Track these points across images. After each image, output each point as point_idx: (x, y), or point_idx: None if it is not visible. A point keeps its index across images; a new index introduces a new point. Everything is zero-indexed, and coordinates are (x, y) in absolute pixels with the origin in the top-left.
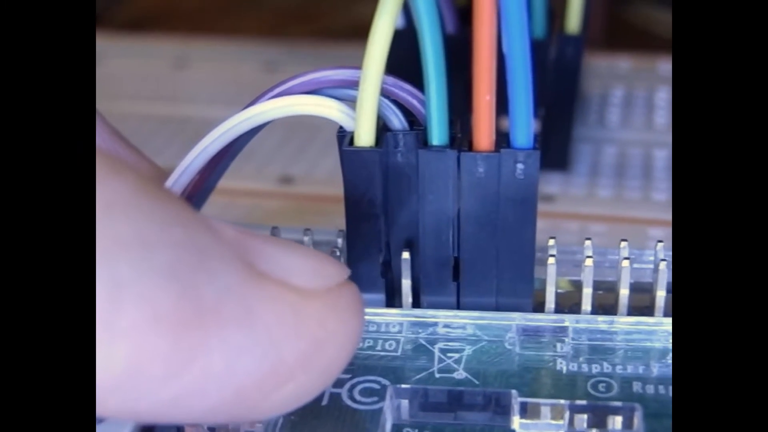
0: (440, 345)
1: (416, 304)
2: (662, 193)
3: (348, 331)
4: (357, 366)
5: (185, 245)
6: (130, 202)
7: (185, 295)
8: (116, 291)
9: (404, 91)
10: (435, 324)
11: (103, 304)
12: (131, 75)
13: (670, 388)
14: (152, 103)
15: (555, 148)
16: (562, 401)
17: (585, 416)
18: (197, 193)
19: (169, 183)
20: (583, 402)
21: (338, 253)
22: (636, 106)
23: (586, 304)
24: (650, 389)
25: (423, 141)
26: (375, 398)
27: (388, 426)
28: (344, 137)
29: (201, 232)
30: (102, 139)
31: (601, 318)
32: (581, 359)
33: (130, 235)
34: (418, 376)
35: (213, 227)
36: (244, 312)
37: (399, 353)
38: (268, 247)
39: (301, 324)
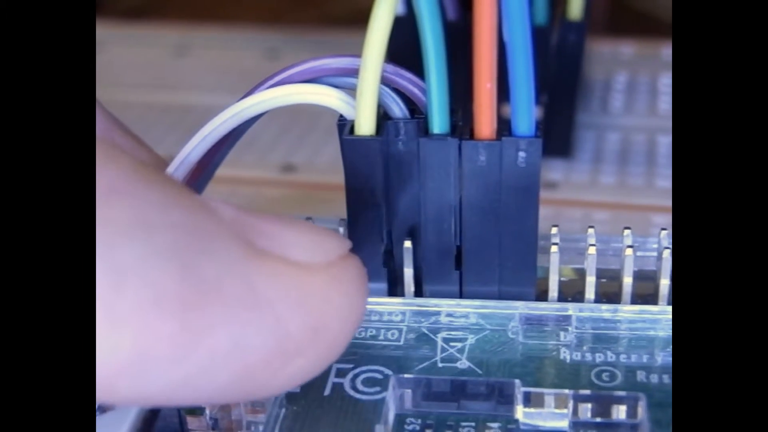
0: (443, 334)
1: (418, 293)
2: (666, 179)
3: (353, 303)
4: (359, 356)
5: (185, 227)
6: (128, 187)
7: (187, 276)
8: (118, 276)
9: (405, 79)
10: (437, 313)
11: (106, 289)
12: (132, 63)
13: None
14: (153, 91)
15: (558, 135)
16: (565, 391)
17: (589, 405)
18: (196, 182)
19: (168, 172)
20: (587, 391)
21: None
22: (639, 92)
23: (590, 293)
24: (654, 378)
25: (424, 129)
26: (378, 388)
27: (391, 416)
28: (345, 126)
29: (199, 213)
30: (99, 127)
31: (604, 306)
32: (585, 348)
33: (129, 220)
34: (420, 366)
35: (211, 208)
36: (247, 290)
37: (401, 343)
38: (267, 224)
39: (305, 299)
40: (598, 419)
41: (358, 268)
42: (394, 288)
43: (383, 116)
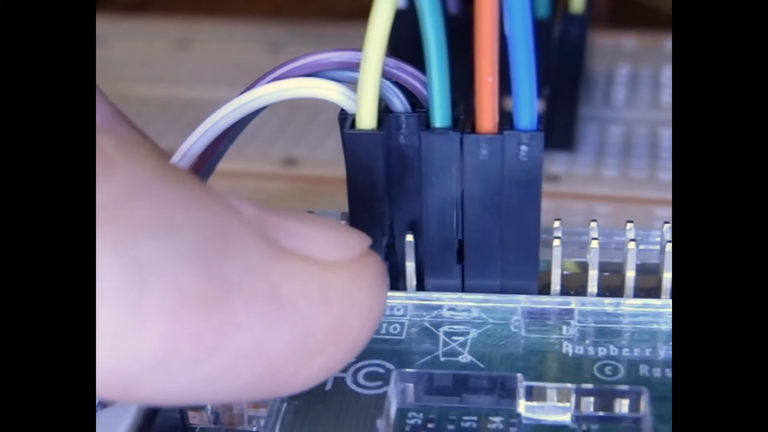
0: (445, 328)
1: (420, 287)
2: (668, 172)
3: (374, 300)
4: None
5: (208, 225)
6: (151, 186)
7: (211, 275)
8: (142, 275)
9: (406, 72)
10: (440, 307)
11: (129, 289)
12: (133, 57)
13: None
14: (154, 85)
15: (560, 128)
16: (568, 385)
17: (591, 399)
18: (197, 176)
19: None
20: (590, 385)
21: None
22: (642, 84)
23: (592, 286)
24: (657, 372)
25: (425, 123)
26: (379, 382)
27: (393, 410)
28: (346, 120)
29: (222, 212)
30: (103, 120)
31: (607, 300)
32: (587, 342)
33: (153, 219)
34: (422, 360)
35: (233, 206)
36: (270, 288)
37: (403, 337)
38: (289, 221)
39: (327, 297)
40: (601, 413)
41: (379, 264)
42: (396, 282)
43: (384, 110)
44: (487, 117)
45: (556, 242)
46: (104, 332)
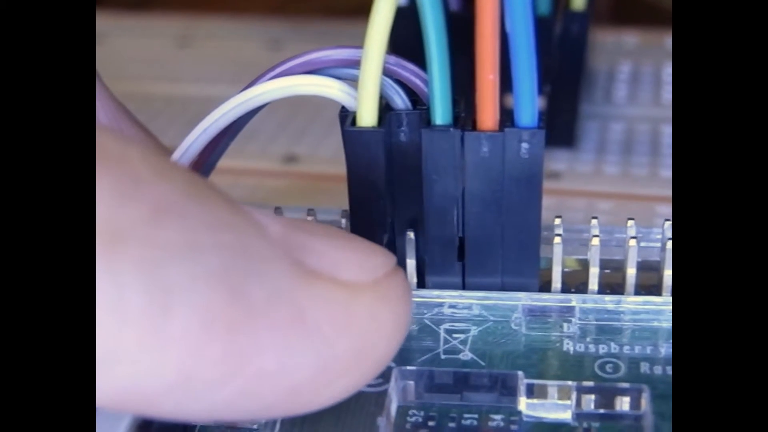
0: (446, 326)
1: (421, 284)
2: (670, 169)
3: (398, 321)
4: None
5: (234, 248)
6: (179, 207)
7: (236, 299)
8: (167, 298)
9: (407, 70)
10: (440, 304)
11: (154, 310)
12: (134, 54)
13: None
14: (155, 82)
15: (561, 125)
16: (569, 382)
17: (592, 397)
18: (198, 173)
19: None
20: (590, 383)
21: None
22: (643, 82)
23: (593, 284)
24: (658, 370)
25: (426, 120)
26: (380, 380)
27: (393, 408)
28: (347, 117)
29: (249, 234)
30: (107, 116)
31: (608, 297)
32: (588, 339)
33: (180, 241)
34: (423, 358)
35: (260, 225)
36: (296, 313)
37: None
38: (316, 241)
39: (352, 320)
40: (602, 411)
41: (404, 283)
42: None
43: (385, 107)
44: (488, 114)
45: (557, 239)
46: (127, 351)
